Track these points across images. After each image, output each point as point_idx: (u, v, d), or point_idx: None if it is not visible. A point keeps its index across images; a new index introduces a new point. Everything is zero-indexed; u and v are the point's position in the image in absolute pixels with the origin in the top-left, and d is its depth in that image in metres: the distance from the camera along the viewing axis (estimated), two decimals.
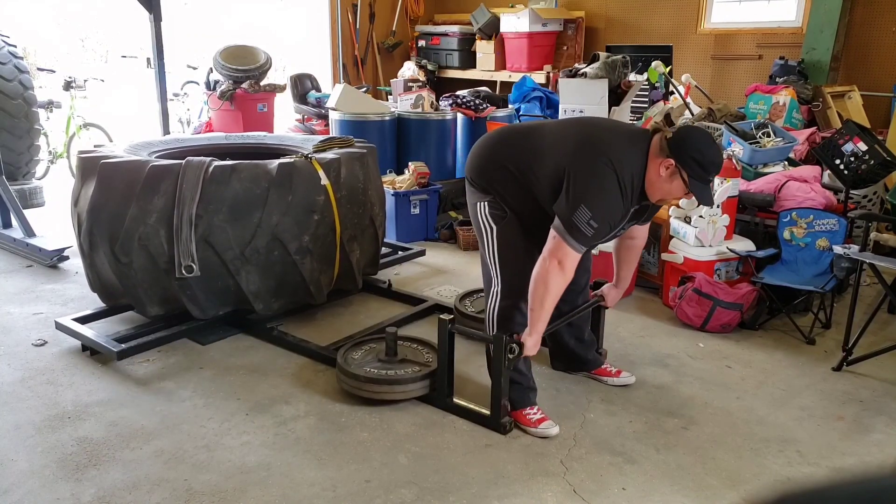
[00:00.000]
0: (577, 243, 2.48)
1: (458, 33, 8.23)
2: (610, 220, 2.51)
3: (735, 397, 3.08)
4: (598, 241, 2.59)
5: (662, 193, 2.56)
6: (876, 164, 3.84)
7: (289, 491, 2.42)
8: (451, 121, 6.17)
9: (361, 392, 2.95)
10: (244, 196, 3.34)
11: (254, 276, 3.43)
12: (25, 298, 4.15)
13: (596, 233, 2.47)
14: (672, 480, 2.50)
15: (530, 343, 2.64)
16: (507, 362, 2.67)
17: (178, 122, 8.06)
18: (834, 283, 3.66)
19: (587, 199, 2.44)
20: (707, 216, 3.85)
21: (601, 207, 2.45)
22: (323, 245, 3.56)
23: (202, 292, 3.43)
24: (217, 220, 3.30)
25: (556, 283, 2.52)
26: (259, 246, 3.37)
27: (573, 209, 2.45)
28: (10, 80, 5.95)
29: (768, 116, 5.27)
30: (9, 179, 5.37)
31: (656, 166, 2.50)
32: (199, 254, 3.31)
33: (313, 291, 3.60)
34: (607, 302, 3.17)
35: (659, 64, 5.94)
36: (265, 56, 7.46)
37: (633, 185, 2.51)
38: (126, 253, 3.32)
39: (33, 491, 2.40)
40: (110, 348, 3.25)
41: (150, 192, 3.29)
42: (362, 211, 3.78)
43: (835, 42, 5.87)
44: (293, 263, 3.47)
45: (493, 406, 2.77)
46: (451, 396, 2.92)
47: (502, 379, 2.71)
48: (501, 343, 2.64)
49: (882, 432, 2.82)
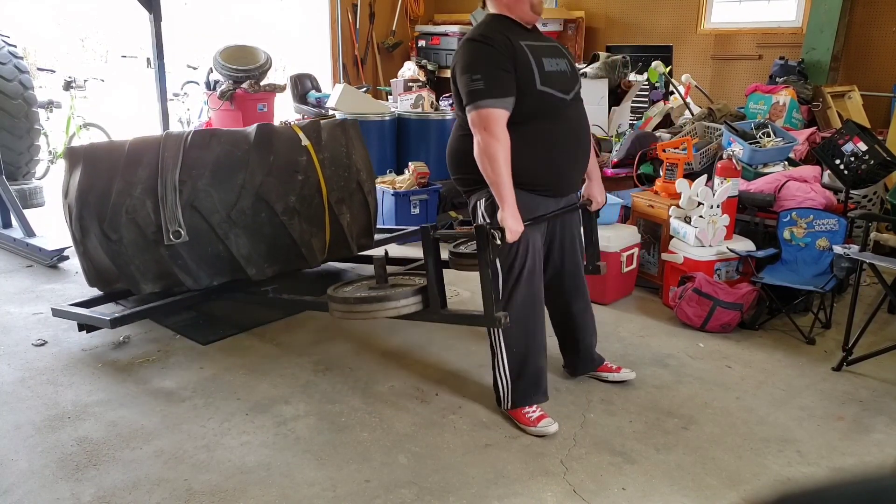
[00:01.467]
0: (482, 100, 2.51)
1: (458, 33, 8.23)
2: (490, 62, 2.53)
3: (735, 397, 3.08)
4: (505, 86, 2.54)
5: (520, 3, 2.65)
6: (876, 164, 3.83)
7: (289, 491, 2.42)
8: (451, 121, 6.15)
9: (353, 315, 2.87)
10: (225, 159, 3.40)
11: (243, 239, 3.45)
12: (25, 298, 4.15)
13: (487, 80, 2.51)
14: (672, 480, 2.50)
15: (507, 217, 2.54)
16: (493, 252, 2.58)
17: (178, 121, 8.06)
18: (834, 283, 3.66)
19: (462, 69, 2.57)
20: (707, 216, 3.85)
21: (473, 63, 2.54)
22: (310, 206, 3.60)
23: (193, 261, 3.43)
24: (201, 183, 3.34)
25: (494, 149, 2.51)
26: (245, 207, 3.41)
27: (462, 86, 2.57)
28: (10, 80, 5.95)
29: (768, 116, 5.28)
30: (9, 179, 5.38)
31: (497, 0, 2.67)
32: (186, 220, 3.33)
33: (306, 254, 3.60)
34: (595, 202, 3.07)
35: (659, 64, 5.94)
36: (265, 56, 7.47)
37: (494, 31, 2.59)
38: (115, 229, 3.34)
39: (33, 491, 2.40)
40: (103, 318, 3.28)
41: (133, 164, 3.34)
42: (348, 174, 3.81)
43: (835, 42, 5.87)
44: (281, 225, 3.49)
45: (486, 302, 2.65)
46: (445, 306, 2.86)
47: (489, 272, 2.61)
48: (484, 232, 2.55)
49: (882, 432, 2.82)
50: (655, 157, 4.94)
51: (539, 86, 2.59)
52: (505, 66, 2.54)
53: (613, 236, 4.03)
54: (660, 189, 4.39)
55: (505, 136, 2.53)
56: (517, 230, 2.57)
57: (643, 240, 4.31)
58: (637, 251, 4.22)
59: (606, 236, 3.94)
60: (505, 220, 2.55)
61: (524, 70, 2.57)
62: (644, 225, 4.37)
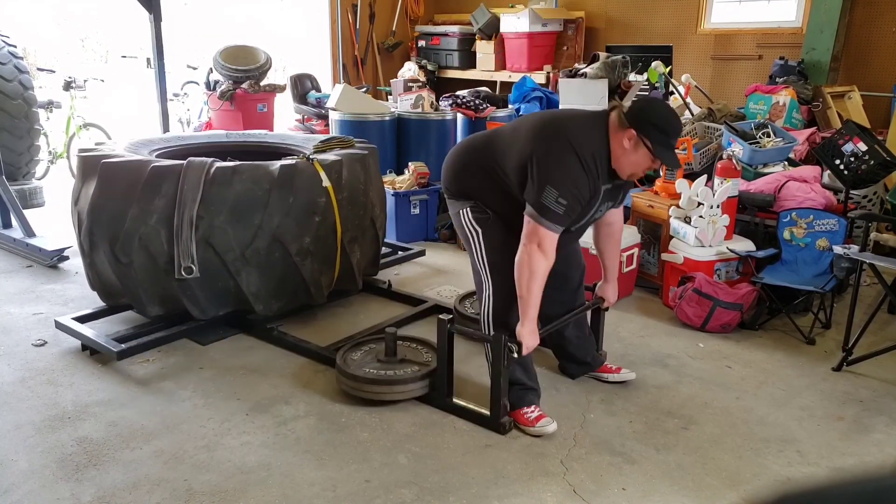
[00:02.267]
0: (551, 223, 2.51)
1: (458, 33, 8.22)
2: (578, 195, 2.53)
3: (735, 397, 3.08)
4: (572, 219, 2.58)
5: (630, 166, 2.59)
6: (876, 165, 3.84)
7: (289, 491, 2.42)
8: (451, 121, 6.17)
9: (361, 393, 2.95)
10: (245, 197, 3.33)
11: (254, 276, 3.43)
12: (25, 298, 4.15)
13: (567, 209, 2.50)
14: (672, 480, 2.50)
15: (526, 334, 2.64)
16: (508, 361, 2.67)
17: (178, 122, 8.05)
18: (834, 283, 3.66)
19: (551, 179, 2.50)
20: (707, 216, 3.85)
21: (566, 184, 2.50)
22: (324, 246, 3.56)
23: (202, 293, 3.43)
24: (218, 221, 3.30)
25: (539, 265, 2.54)
26: (260, 247, 3.37)
27: (540, 191, 2.50)
28: (10, 80, 5.95)
29: (768, 116, 5.27)
30: (9, 179, 5.37)
31: (619, 140, 2.55)
32: (200, 254, 3.31)
33: (313, 292, 3.60)
34: (607, 301, 3.17)
35: (659, 64, 5.93)
36: (265, 56, 7.46)
37: (597, 162, 2.54)
38: (126, 253, 3.32)
39: (33, 491, 2.40)
40: (110, 348, 3.24)
41: (152, 192, 3.29)
42: (363, 212, 3.77)
43: (835, 42, 5.87)
44: (294, 265, 3.47)
45: (493, 406, 2.77)
46: (451, 396, 2.92)
47: (501, 379, 2.70)
48: (500, 342, 2.64)
49: (882, 432, 2.82)
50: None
51: (572, 227, 2.67)
52: (581, 205, 2.56)
53: None
54: (660, 189, 4.39)
55: (553, 257, 2.57)
56: (533, 345, 2.68)
57: (643, 240, 4.31)
58: (637, 251, 4.22)
59: None
60: (523, 335, 2.64)
61: (581, 212, 2.61)
62: (644, 225, 4.37)
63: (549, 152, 2.53)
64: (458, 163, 2.87)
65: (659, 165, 2.71)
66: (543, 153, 2.53)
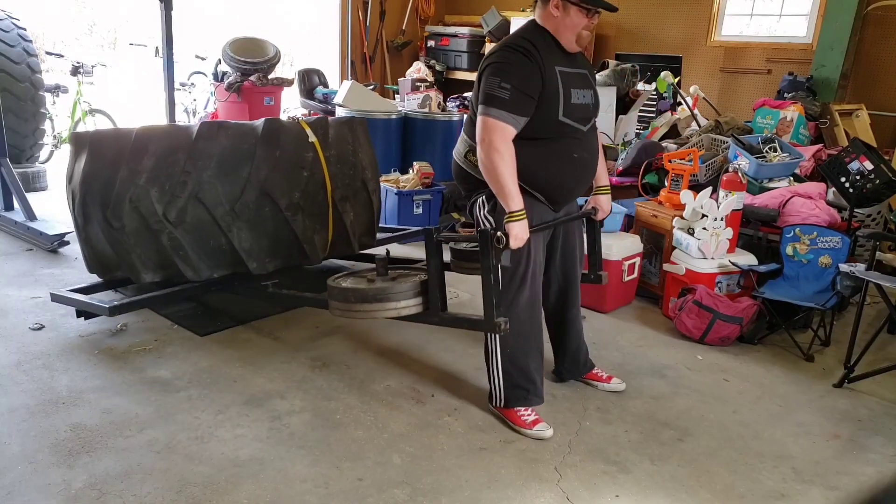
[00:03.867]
0: (499, 110, 2.49)
1: (468, 35, 8.22)
2: (523, 77, 2.51)
3: (731, 411, 3.07)
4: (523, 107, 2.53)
5: (569, 30, 2.62)
6: (881, 184, 3.83)
7: (281, 486, 2.41)
8: (458, 122, 6.16)
9: (352, 314, 2.86)
10: (232, 151, 3.37)
11: (245, 233, 3.44)
12: (24, 282, 4.14)
13: (513, 93, 2.49)
14: (666, 492, 2.49)
15: (514, 225, 2.53)
16: (496, 256, 2.57)
17: (184, 112, 8.05)
18: (835, 300, 3.65)
19: (491, 70, 2.54)
20: (711, 229, 3.84)
21: (506, 70, 2.52)
22: (314, 203, 3.59)
23: (195, 252, 3.43)
24: (206, 175, 3.32)
25: (496, 161, 2.50)
26: (248, 201, 3.40)
27: (484, 85, 2.53)
28: (19, 62, 5.95)
29: (775, 131, 5.27)
30: (12, 162, 5.36)
31: (549, 16, 2.62)
32: (190, 212, 3.34)
33: (308, 250, 3.60)
34: (601, 210, 3.07)
35: (668, 74, 5.94)
36: (274, 49, 7.46)
37: (535, 45, 2.56)
38: (118, 217, 3.33)
39: (25, 475, 2.39)
40: (102, 305, 3.26)
41: (139, 153, 3.31)
42: (353, 172, 3.80)
43: (844, 60, 5.87)
44: (284, 220, 3.48)
45: (486, 307, 2.63)
46: (445, 309, 2.86)
47: (492, 277, 2.59)
48: (487, 236, 2.54)
49: (878, 452, 2.81)
50: (661, 168, 4.93)
51: (560, 116, 2.61)
52: (534, 89, 2.54)
53: (616, 245, 4.02)
54: (664, 199, 4.38)
55: (506, 149, 2.53)
56: (523, 237, 2.57)
57: (645, 249, 4.30)
58: (639, 260, 4.21)
59: (609, 244, 3.93)
60: (511, 226, 2.55)
61: (550, 98, 2.57)
62: (647, 234, 4.36)
63: (489, 58, 2.61)
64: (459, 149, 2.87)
65: (596, 18, 2.68)
66: (485, 62, 2.61)
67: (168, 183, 3.31)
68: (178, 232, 3.36)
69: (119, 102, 8.55)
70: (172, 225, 3.34)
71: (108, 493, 2.32)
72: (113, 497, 2.30)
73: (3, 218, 5.09)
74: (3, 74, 5.83)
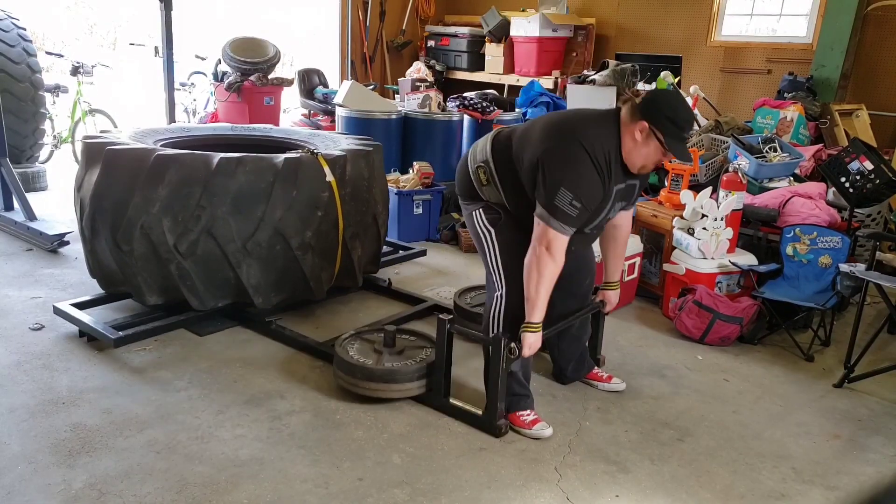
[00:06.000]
0: (562, 224, 2.49)
1: (468, 35, 8.21)
2: (590, 197, 2.51)
3: (731, 411, 3.07)
4: (582, 221, 2.56)
5: (641, 159, 2.56)
6: (881, 184, 3.83)
7: (281, 486, 2.41)
8: (458, 122, 6.16)
9: (356, 389, 2.93)
10: (248, 189, 3.33)
11: (254, 269, 3.42)
12: (24, 282, 4.14)
13: (579, 212, 2.48)
14: (666, 492, 2.49)
15: (529, 335, 2.61)
16: (506, 363, 2.65)
17: (184, 111, 8.04)
18: (835, 300, 3.65)
19: (564, 181, 2.47)
20: (711, 229, 3.84)
21: (579, 186, 2.47)
22: (325, 241, 3.55)
23: (202, 283, 3.42)
24: (220, 211, 3.29)
25: (547, 268, 2.52)
26: (261, 239, 3.37)
27: (552, 193, 2.48)
28: (19, 62, 5.94)
29: (775, 131, 5.27)
30: (12, 162, 5.36)
31: (630, 133, 2.53)
32: (201, 245, 3.31)
33: (313, 287, 3.59)
34: (608, 304, 3.14)
35: (668, 74, 5.93)
36: (274, 49, 7.46)
37: (609, 161, 2.52)
38: (127, 241, 3.32)
39: (25, 475, 2.39)
40: (108, 335, 3.23)
41: (155, 180, 3.28)
42: (366, 209, 3.77)
43: (844, 60, 5.86)
44: (294, 259, 3.46)
45: (489, 407, 2.75)
46: (448, 396, 2.90)
47: (500, 380, 2.68)
48: (500, 344, 2.62)
49: (878, 452, 2.81)
50: (661, 167, 4.93)
51: (586, 229, 2.66)
52: (598, 200, 2.54)
53: None
54: (664, 199, 4.38)
55: (562, 261, 2.55)
56: (536, 346, 2.66)
57: (645, 249, 4.30)
58: (639, 260, 4.21)
59: None
60: (527, 336, 2.61)
61: (594, 213, 2.59)
62: (647, 234, 4.36)
63: (560, 153, 2.50)
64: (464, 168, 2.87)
65: (670, 158, 2.68)
66: (555, 154, 2.51)
67: (181, 215, 3.27)
68: (188, 263, 3.34)
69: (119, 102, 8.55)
70: (182, 256, 3.31)
71: (108, 493, 2.32)
72: (113, 497, 2.31)
73: (3, 218, 5.09)
74: (3, 74, 5.83)
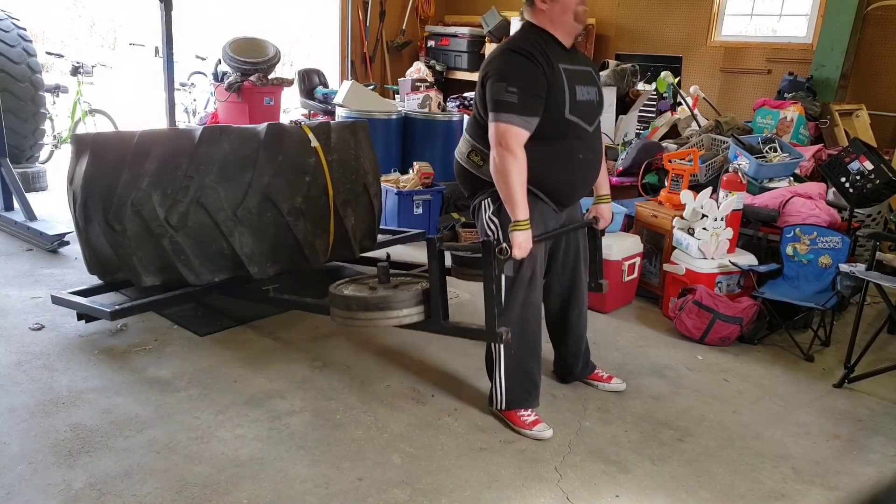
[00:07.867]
0: (508, 115, 2.49)
1: (468, 35, 8.22)
2: (524, 77, 2.50)
3: (732, 411, 3.07)
4: (533, 107, 2.53)
5: (564, 13, 2.60)
6: (881, 184, 3.83)
7: (281, 486, 2.41)
8: (458, 122, 6.16)
9: (353, 322, 2.86)
10: (234, 156, 3.37)
11: (247, 237, 3.45)
12: (24, 282, 4.14)
13: (521, 96, 2.48)
14: (666, 492, 2.49)
15: (518, 234, 2.54)
16: (498, 266, 2.57)
17: (184, 112, 8.05)
18: (835, 300, 3.65)
19: (493, 75, 2.53)
20: (711, 229, 3.84)
21: (507, 72, 2.51)
22: (316, 207, 3.59)
23: (196, 257, 3.43)
24: (208, 180, 3.32)
25: (509, 164, 2.50)
26: (251, 206, 3.40)
27: (489, 92, 2.53)
28: (19, 62, 5.95)
29: (775, 131, 5.27)
30: (12, 162, 5.36)
31: (539, 12, 2.62)
32: (192, 216, 3.33)
33: (308, 255, 3.60)
34: (602, 220, 3.05)
35: (668, 74, 5.94)
36: (274, 49, 7.46)
37: (535, 45, 2.56)
38: (119, 220, 3.33)
39: (25, 475, 2.39)
40: (104, 310, 3.25)
41: (142, 157, 3.31)
42: (355, 176, 3.80)
43: (844, 60, 5.86)
44: (286, 225, 3.48)
45: (488, 318, 2.64)
46: (447, 318, 2.85)
47: (494, 286, 2.59)
48: (490, 246, 2.54)
49: (878, 452, 2.81)
50: (661, 168, 4.93)
51: (567, 114, 2.61)
52: (541, 88, 2.53)
53: (616, 245, 4.02)
54: (664, 199, 4.38)
55: (522, 154, 2.53)
56: (527, 247, 2.58)
57: (645, 249, 4.30)
58: (639, 260, 4.21)
59: (609, 244, 3.93)
60: (515, 236, 2.55)
61: (557, 96, 2.57)
62: (647, 234, 4.36)
63: (491, 63, 2.60)
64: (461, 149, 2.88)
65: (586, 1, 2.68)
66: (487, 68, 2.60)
67: (170, 187, 3.30)
68: (180, 236, 3.36)
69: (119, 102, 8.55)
70: (174, 229, 3.33)
71: (108, 493, 2.32)
72: (113, 497, 2.31)
73: (3, 218, 5.09)
74: (3, 74, 5.83)
